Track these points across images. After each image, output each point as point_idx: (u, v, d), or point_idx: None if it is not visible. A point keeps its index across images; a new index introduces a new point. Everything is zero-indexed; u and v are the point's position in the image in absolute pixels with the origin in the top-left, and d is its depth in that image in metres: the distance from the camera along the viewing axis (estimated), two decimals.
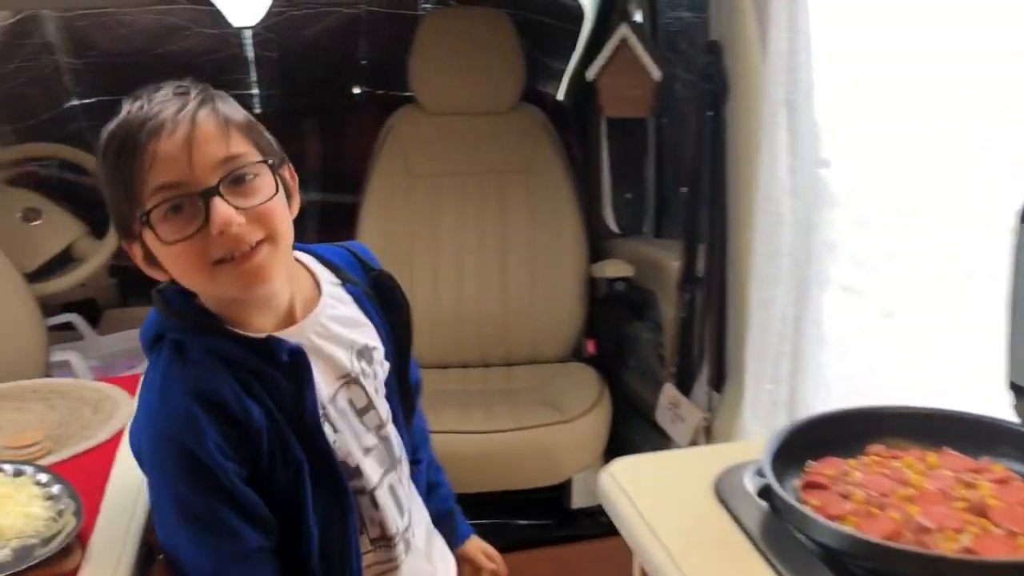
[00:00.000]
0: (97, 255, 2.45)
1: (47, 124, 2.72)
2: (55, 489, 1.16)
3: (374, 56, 2.82)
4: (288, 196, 1.02)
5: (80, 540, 1.10)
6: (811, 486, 1.04)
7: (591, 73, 2.14)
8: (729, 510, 1.08)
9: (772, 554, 0.98)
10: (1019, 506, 0.96)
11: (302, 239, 1.08)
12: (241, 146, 0.95)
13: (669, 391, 2.10)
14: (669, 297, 2.22)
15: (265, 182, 0.97)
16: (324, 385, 1.06)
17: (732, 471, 1.12)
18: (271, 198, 0.96)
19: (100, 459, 1.33)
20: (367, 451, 1.10)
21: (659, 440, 2.39)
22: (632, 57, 2.08)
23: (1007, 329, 1.45)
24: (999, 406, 1.39)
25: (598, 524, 2.35)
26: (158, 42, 2.63)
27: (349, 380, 1.09)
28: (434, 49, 2.50)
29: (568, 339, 2.54)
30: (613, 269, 2.41)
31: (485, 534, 1.39)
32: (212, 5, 2.53)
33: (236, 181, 0.94)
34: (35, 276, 2.34)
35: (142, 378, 1.04)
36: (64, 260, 2.47)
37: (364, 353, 1.12)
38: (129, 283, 2.82)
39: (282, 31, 2.68)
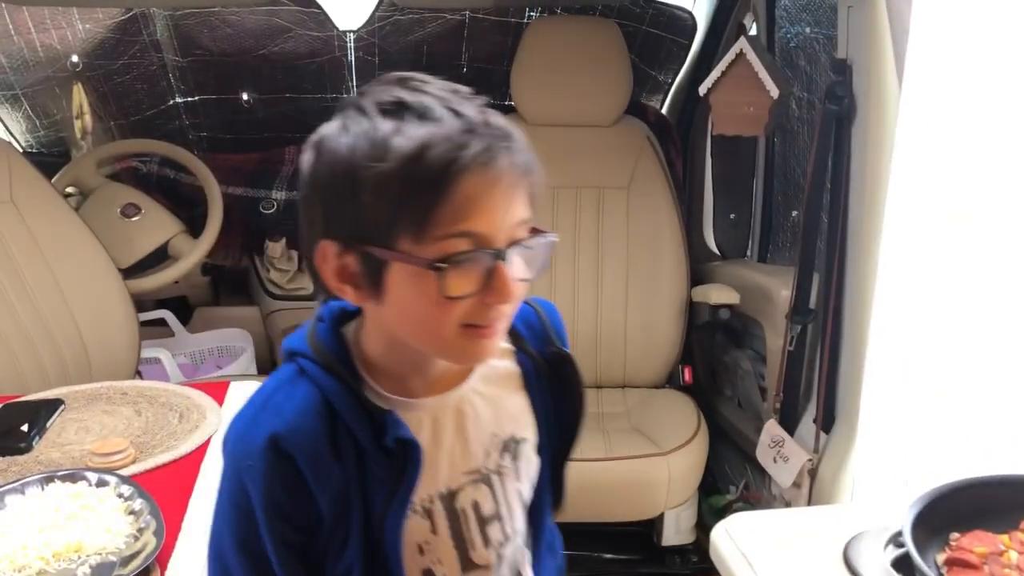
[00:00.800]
0: (192, 253, 2.44)
1: (149, 121, 2.74)
2: (137, 504, 1.13)
3: (476, 64, 2.77)
4: None
5: (159, 560, 1.06)
6: (958, 564, 0.93)
7: (704, 88, 2.04)
8: None
9: None
10: None
11: None
12: (529, 209, 0.82)
13: (772, 428, 1.98)
14: (775, 327, 2.10)
15: (536, 255, 0.83)
16: (445, 476, 0.90)
17: (864, 536, 1.02)
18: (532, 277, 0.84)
19: (184, 472, 1.29)
20: (472, 568, 0.92)
21: (754, 477, 2.27)
22: (749, 73, 1.96)
23: None
24: None
25: (688, 563, 2.24)
26: (261, 43, 2.62)
27: (479, 478, 0.92)
28: (537, 58, 2.42)
29: (663, 364, 2.43)
30: (718, 295, 2.28)
31: (568, 565, 1.29)
32: (318, 7, 2.52)
33: (520, 250, 0.81)
34: (130, 272, 2.35)
35: (263, 384, 0.90)
36: (159, 257, 2.47)
37: (509, 446, 0.94)
38: (221, 282, 2.83)
39: (385, 36, 2.64)
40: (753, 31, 2.35)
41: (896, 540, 0.97)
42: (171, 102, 2.74)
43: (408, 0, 2.48)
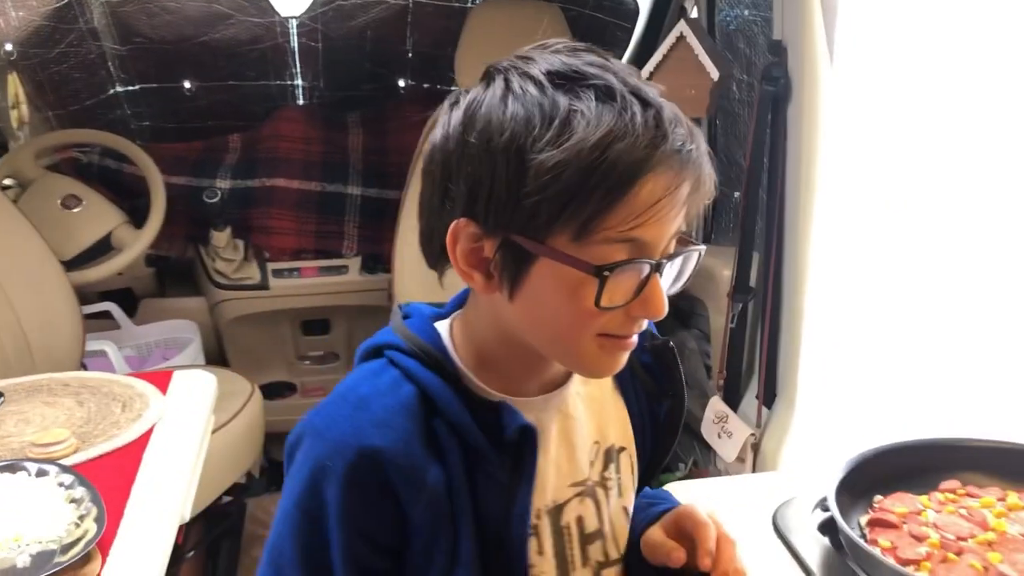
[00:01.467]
0: (136, 244, 2.42)
1: (90, 110, 2.70)
2: (78, 492, 1.12)
3: (421, 49, 2.77)
4: None
5: (101, 547, 1.06)
6: (879, 524, 0.96)
7: (645, 71, 2.06)
8: (787, 544, 1.01)
9: None
10: None
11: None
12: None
13: (716, 404, 2.02)
14: (718, 306, 2.14)
15: (685, 268, 0.75)
16: (552, 488, 0.81)
17: (793, 502, 1.05)
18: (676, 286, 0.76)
19: (126, 460, 1.28)
20: None
21: (702, 453, 2.31)
22: (689, 55, 1.99)
23: None
24: None
25: None
26: (202, 30, 2.59)
27: (585, 491, 0.83)
28: (482, 42, 2.42)
29: None
30: None
31: None
32: None
33: (673, 262, 0.73)
34: (72, 264, 2.32)
35: (345, 379, 0.80)
36: (102, 248, 2.44)
37: (612, 455, 0.86)
38: (166, 273, 2.80)
39: (328, 21, 2.63)
40: (694, 14, 2.38)
41: (823, 504, 1.00)
42: (111, 91, 2.70)
43: None
